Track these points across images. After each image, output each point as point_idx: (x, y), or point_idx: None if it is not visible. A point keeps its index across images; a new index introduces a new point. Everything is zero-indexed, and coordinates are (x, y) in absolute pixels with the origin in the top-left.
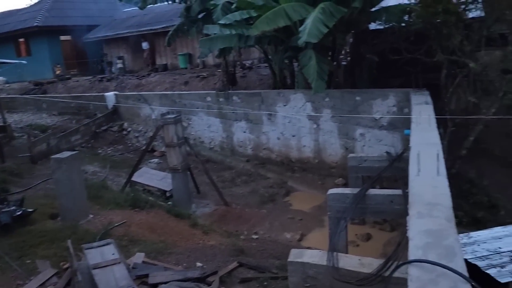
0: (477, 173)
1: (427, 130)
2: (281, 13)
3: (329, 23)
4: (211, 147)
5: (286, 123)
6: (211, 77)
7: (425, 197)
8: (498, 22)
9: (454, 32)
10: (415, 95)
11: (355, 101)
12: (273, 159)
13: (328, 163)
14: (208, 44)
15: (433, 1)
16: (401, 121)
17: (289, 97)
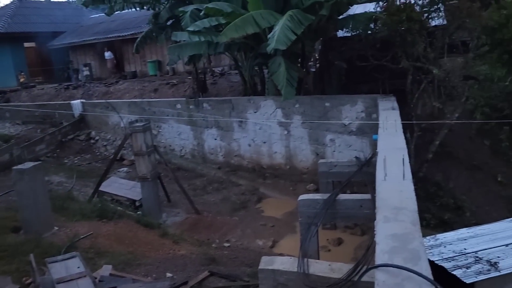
0: (443, 176)
1: (394, 135)
2: (250, 20)
3: (297, 30)
4: (182, 155)
5: (257, 130)
6: (181, 84)
7: (392, 201)
8: (459, 29)
9: (418, 40)
10: (382, 101)
11: (325, 107)
12: (245, 166)
13: (299, 169)
14: (177, 51)
15: (397, 10)
16: (369, 127)
17: (260, 103)
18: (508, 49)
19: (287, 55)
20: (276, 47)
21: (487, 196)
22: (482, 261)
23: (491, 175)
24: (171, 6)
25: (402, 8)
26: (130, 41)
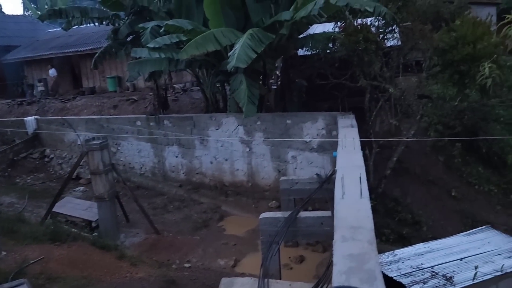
0: (401, 191)
1: (352, 153)
2: (211, 38)
3: (257, 48)
4: (142, 172)
5: (219, 147)
6: (142, 100)
7: (349, 220)
8: (413, 50)
9: (375, 59)
10: (342, 119)
11: (286, 124)
12: (207, 183)
13: (261, 186)
14: (137, 68)
15: (354, 30)
16: (330, 143)
17: (221, 121)
18: (458, 69)
19: (249, 72)
20: (237, 65)
21: (443, 210)
22: (438, 275)
23: (445, 190)
24: (131, 22)
25: (359, 29)
26: (88, 56)
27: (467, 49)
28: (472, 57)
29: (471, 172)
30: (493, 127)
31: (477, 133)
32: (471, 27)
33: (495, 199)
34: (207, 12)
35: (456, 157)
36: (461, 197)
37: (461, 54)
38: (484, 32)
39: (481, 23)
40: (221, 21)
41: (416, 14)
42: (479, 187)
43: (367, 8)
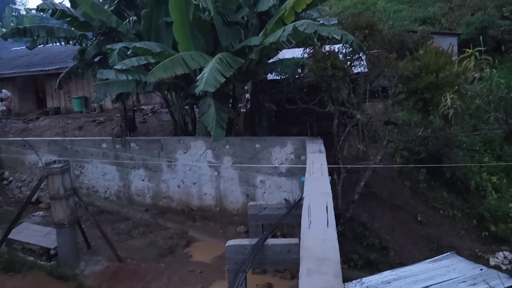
0: (368, 216)
1: (320, 180)
2: (179, 61)
3: (226, 73)
4: (106, 196)
5: (187, 171)
6: (109, 122)
7: (315, 251)
8: (380, 77)
9: (342, 86)
10: (310, 144)
11: (255, 148)
12: (174, 207)
13: (229, 211)
14: (103, 89)
15: (322, 57)
16: (299, 168)
17: (190, 144)
18: (422, 97)
19: (218, 96)
20: (205, 89)
21: (409, 235)
22: None
23: (412, 214)
24: (98, 43)
25: (327, 55)
26: (54, 76)
27: (430, 78)
28: (435, 86)
29: (436, 197)
30: (456, 153)
31: (441, 158)
32: (433, 57)
33: (459, 224)
34: (176, 35)
35: (421, 182)
36: (426, 221)
37: (425, 82)
38: (446, 62)
39: (443, 53)
40: (190, 45)
41: (382, 42)
42: (444, 211)
43: (334, 36)
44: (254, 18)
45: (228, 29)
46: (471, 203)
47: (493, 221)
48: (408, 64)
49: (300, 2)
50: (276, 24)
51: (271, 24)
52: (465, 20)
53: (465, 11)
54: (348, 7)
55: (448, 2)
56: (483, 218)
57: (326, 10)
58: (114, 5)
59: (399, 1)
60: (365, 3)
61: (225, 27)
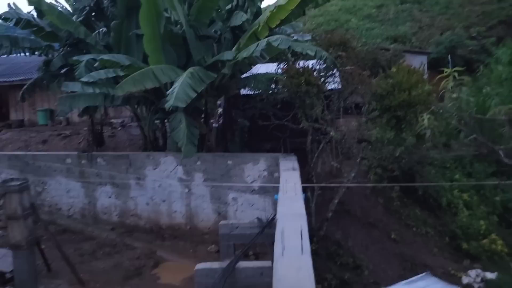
0: (342, 234)
1: (294, 200)
2: (149, 75)
3: (198, 87)
4: (70, 214)
5: (156, 188)
6: (75, 135)
7: (289, 281)
8: (353, 94)
9: (316, 102)
10: (284, 161)
11: (227, 165)
12: (142, 226)
13: (200, 229)
14: (69, 102)
15: (296, 73)
16: (272, 186)
17: (160, 160)
18: (395, 114)
19: (189, 111)
20: (175, 104)
21: (383, 253)
22: None
23: (385, 232)
24: (65, 54)
25: (301, 71)
26: (18, 87)
27: (403, 96)
28: (408, 103)
29: (409, 214)
30: (429, 171)
31: (413, 176)
32: (406, 74)
33: (432, 242)
34: (147, 48)
35: (395, 200)
36: (400, 239)
37: (398, 100)
38: (418, 80)
39: (415, 71)
40: (161, 58)
41: (355, 59)
42: (417, 229)
43: (308, 52)
44: (227, 32)
45: (200, 43)
46: (443, 220)
47: (465, 238)
48: (381, 81)
49: (274, 17)
50: (249, 39)
51: (245, 39)
52: (434, 39)
53: (434, 31)
54: (321, 24)
55: (418, 22)
56: (455, 236)
57: (300, 26)
58: (83, 15)
59: (371, 20)
60: (338, 21)
61: (198, 41)
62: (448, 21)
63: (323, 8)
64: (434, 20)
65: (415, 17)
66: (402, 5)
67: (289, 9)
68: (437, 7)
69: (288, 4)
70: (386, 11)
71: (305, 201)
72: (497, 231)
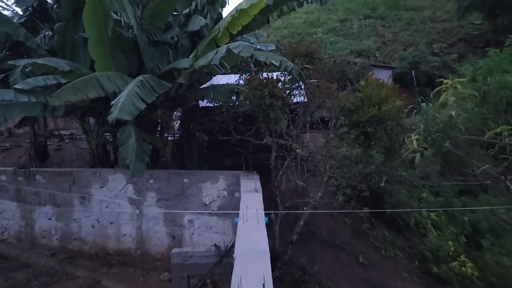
0: (308, 258)
1: (255, 230)
2: (93, 83)
3: (148, 98)
4: (3, 238)
5: (103, 208)
6: (16, 148)
7: None
8: (320, 108)
9: (281, 116)
10: (245, 180)
11: (183, 183)
12: (86, 251)
13: (152, 255)
14: (2, 112)
15: (259, 84)
16: (232, 206)
17: (107, 177)
18: (364, 130)
19: (142, 123)
20: (119, 117)
21: (351, 279)
22: None
23: (353, 255)
24: (2, 58)
25: (264, 83)
26: None
27: (373, 111)
28: (378, 119)
29: (377, 236)
30: (398, 190)
31: (382, 195)
32: (375, 88)
33: (401, 265)
34: (93, 53)
35: (363, 222)
36: (368, 263)
37: (367, 115)
38: (388, 94)
39: (384, 85)
40: (110, 64)
41: (322, 71)
42: (385, 251)
43: (273, 62)
44: (184, 38)
45: (154, 50)
46: (412, 242)
47: (435, 261)
48: (350, 95)
49: (235, 22)
50: (208, 45)
51: (203, 45)
52: (398, 54)
53: (397, 46)
54: (285, 36)
55: (381, 37)
56: (424, 258)
57: (264, 36)
58: (26, 17)
59: (335, 33)
60: (302, 33)
61: (151, 47)
62: (410, 37)
63: (287, 21)
64: (397, 36)
65: (378, 32)
66: (365, 20)
67: (251, 14)
68: (400, 23)
69: (250, 9)
70: (350, 25)
71: (268, 223)
72: (466, 252)
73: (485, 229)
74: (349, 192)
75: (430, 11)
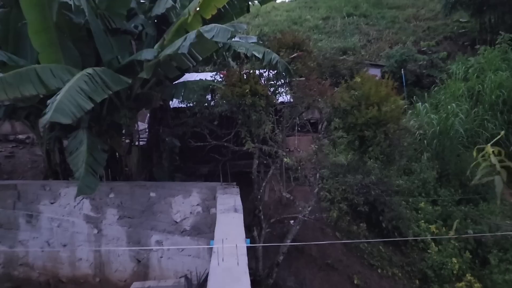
0: (296, 280)
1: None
2: (31, 77)
3: (97, 96)
4: None
5: (55, 228)
6: None
7: None
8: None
9: (265, 118)
10: (223, 195)
11: (150, 198)
12: (35, 279)
13: (114, 282)
14: None
15: (239, 80)
16: (207, 224)
17: (59, 191)
18: (360, 134)
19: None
20: (55, 119)
21: None
22: None
23: (347, 276)
24: None
25: (245, 79)
26: None
27: (372, 112)
28: (377, 121)
29: (372, 252)
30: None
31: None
32: (374, 86)
33: (400, 286)
34: (35, 41)
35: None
36: (364, 285)
37: (365, 117)
38: (388, 93)
39: (382, 82)
40: (58, 56)
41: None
42: (382, 270)
43: (254, 53)
44: (149, 26)
45: (113, 39)
46: (410, 258)
47: (438, 281)
48: (344, 94)
49: (209, 5)
50: (176, 33)
51: (170, 33)
52: (385, 52)
53: (382, 44)
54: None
55: (366, 35)
56: (426, 277)
57: (244, 28)
58: None
59: (318, 31)
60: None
61: (108, 36)
62: (395, 35)
63: (268, 18)
64: (382, 34)
65: (362, 30)
66: (348, 18)
67: None
68: (383, 21)
69: None
70: (332, 23)
71: (250, 243)
72: (471, 270)
73: (490, 243)
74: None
75: (414, 9)
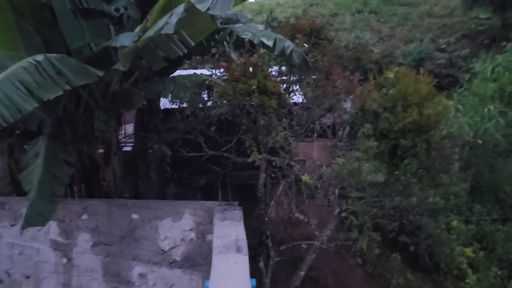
0: None
1: None
2: None
3: (48, 92)
4: None
5: (15, 256)
6: None
7: None
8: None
9: (276, 123)
10: (221, 222)
11: (131, 220)
12: None
13: None
14: None
15: (243, 74)
16: (203, 255)
17: (21, 211)
18: (393, 143)
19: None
20: None
21: None
22: None
23: None
24: None
25: (251, 73)
26: None
27: (413, 115)
28: (418, 127)
29: (399, 283)
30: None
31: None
32: (412, 83)
33: None
34: None
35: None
36: None
37: (403, 121)
38: (430, 92)
39: (422, 78)
40: (16, 44)
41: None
42: None
43: (263, 40)
44: (132, 8)
45: (85, 23)
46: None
47: None
48: (374, 92)
49: None
50: (162, 11)
51: (155, 12)
52: (400, 50)
53: (396, 42)
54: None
55: (377, 32)
56: None
57: (248, 17)
58: None
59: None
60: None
61: (80, 18)
62: (409, 33)
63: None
64: (394, 31)
65: (373, 27)
66: (358, 15)
67: None
68: (395, 18)
69: None
70: (341, 20)
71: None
72: None
73: None
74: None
75: (427, 6)
